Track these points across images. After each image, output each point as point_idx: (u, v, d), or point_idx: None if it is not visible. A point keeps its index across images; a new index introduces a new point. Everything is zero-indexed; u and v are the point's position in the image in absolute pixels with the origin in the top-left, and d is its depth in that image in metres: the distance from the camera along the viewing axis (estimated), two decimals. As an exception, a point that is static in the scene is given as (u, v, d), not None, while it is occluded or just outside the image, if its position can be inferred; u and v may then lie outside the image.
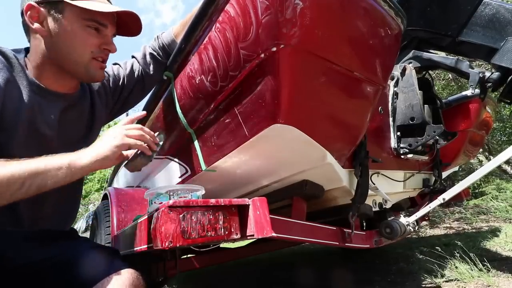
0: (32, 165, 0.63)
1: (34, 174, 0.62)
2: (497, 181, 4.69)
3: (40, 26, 0.77)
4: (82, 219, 6.27)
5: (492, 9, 1.30)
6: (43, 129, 0.80)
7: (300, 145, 0.87)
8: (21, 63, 0.80)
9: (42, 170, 0.63)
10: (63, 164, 0.66)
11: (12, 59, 0.78)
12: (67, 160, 0.67)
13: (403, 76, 1.48)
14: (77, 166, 0.67)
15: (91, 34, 0.80)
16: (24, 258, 0.73)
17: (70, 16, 0.77)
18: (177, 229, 0.62)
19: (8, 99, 0.73)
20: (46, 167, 0.64)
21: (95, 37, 0.81)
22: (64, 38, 0.78)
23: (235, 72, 0.75)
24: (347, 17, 0.74)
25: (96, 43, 0.81)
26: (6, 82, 0.73)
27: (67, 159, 0.67)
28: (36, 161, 0.64)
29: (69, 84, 0.87)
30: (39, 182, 0.63)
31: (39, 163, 0.64)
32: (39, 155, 0.81)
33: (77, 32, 0.78)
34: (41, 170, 0.63)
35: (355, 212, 1.16)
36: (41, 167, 0.63)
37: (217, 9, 0.76)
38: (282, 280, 2.25)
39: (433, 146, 1.67)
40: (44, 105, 0.81)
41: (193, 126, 0.98)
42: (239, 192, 1.23)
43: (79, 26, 0.78)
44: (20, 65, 0.79)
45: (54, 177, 0.64)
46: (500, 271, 1.63)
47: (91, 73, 0.83)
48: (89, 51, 0.81)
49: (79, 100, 0.91)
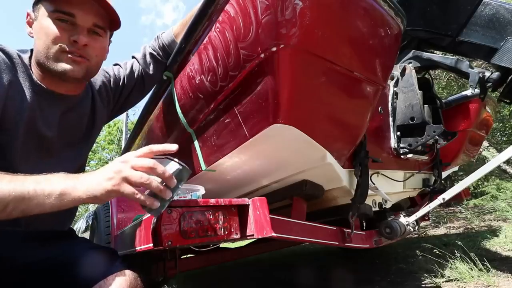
0: (20, 188, 0.56)
1: (20, 198, 0.55)
2: (497, 181, 4.69)
3: (31, 30, 0.80)
4: (82, 219, 6.26)
5: (492, 9, 1.30)
6: (44, 130, 0.80)
7: (300, 145, 0.87)
8: (26, 64, 0.80)
9: (29, 196, 0.56)
10: (54, 192, 0.57)
11: (15, 59, 0.78)
12: (60, 188, 0.58)
13: (403, 76, 1.48)
14: (69, 197, 0.58)
15: (60, 27, 0.76)
16: (21, 259, 0.73)
17: (42, 13, 0.77)
18: (177, 229, 0.62)
19: (10, 100, 0.73)
20: (35, 192, 0.56)
21: (63, 30, 0.76)
22: (39, 35, 0.77)
23: (235, 72, 0.75)
24: (347, 17, 0.74)
25: (65, 36, 0.76)
26: (8, 83, 0.73)
27: (60, 185, 0.58)
28: (28, 183, 0.57)
29: (71, 86, 0.85)
30: (23, 208, 0.56)
31: (29, 187, 0.56)
32: (38, 156, 0.81)
33: (47, 27, 0.76)
34: (28, 195, 0.56)
35: (355, 212, 1.16)
36: (29, 192, 0.56)
37: (217, 9, 0.76)
38: (282, 280, 2.25)
39: (433, 146, 1.67)
40: (45, 107, 0.80)
41: (193, 126, 0.98)
42: (239, 192, 1.23)
43: (50, 20, 0.76)
44: (24, 65, 0.79)
45: (40, 206, 0.57)
46: (500, 271, 1.63)
47: (62, 68, 0.77)
48: (57, 44, 0.76)
49: (80, 102, 0.91)
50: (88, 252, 0.75)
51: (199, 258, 1.63)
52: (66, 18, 0.76)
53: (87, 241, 0.89)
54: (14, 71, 0.76)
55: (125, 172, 0.58)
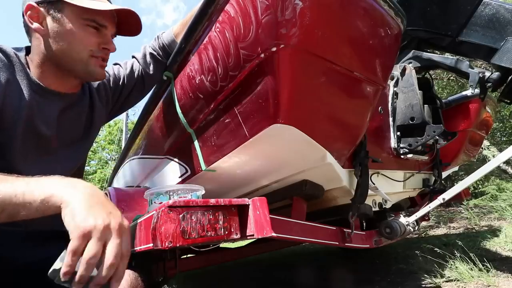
0: (8, 189, 0.53)
1: (8, 201, 0.52)
2: (497, 181, 4.69)
3: (39, 26, 0.77)
4: (82, 219, 6.24)
5: (492, 9, 1.30)
6: (42, 128, 0.80)
7: (300, 145, 0.87)
8: (22, 62, 0.80)
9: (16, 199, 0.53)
10: (41, 196, 0.53)
11: (13, 57, 0.78)
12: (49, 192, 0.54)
13: (403, 76, 1.48)
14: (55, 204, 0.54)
15: (90, 32, 0.80)
16: (21, 259, 0.73)
17: (69, 15, 0.77)
18: (177, 229, 0.62)
19: (8, 99, 0.73)
20: (23, 195, 0.53)
21: (94, 35, 0.81)
22: (63, 37, 0.78)
23: (235, 72, 0.75)
24: (347, 17, 0.74)
25: (95, 42, 0.82)
26: (6, 81, 0.73)
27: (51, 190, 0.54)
28: (15, 186, 0.54)
29: (70, 84, 0.86)
30: (10, 211, 0.53)
31: (17, 189, 0.53)
32: (37, 155, 0.81)
33: (76, 31, 0.78)
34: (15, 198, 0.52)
35: (355, 212, 1.16)
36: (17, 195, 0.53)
37: (217, 9, 0.76)
38: (282, 280, 2.25)
39: (433, 146, 1.67)
40: (43, 105, 0.80)
41: (193, 126, 0.98)
42: (239, 192, 1.23)
43: (78, 25, 0.78)
44: (21, 63, 0.79)
45: (27, 209, 0.54)
46: (500, 271, 1.63)
47: (91, 71, 0.83)
48: (88, 49, 0.81)
49: (78, 100, 0.91)
50: None
51: (199, 258, 1.63)
52: (98, 27, 0.82)
53: None
54: (11, 69, 0.76)
55: (100, 232, 0.52)
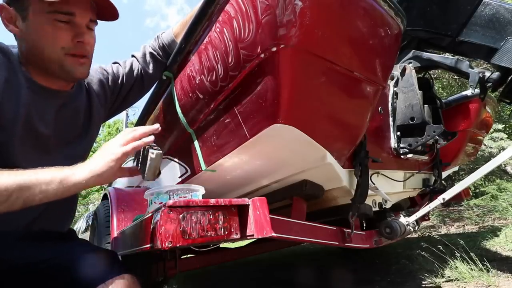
0: (22, 177, 0.59)
1: (23, 187, 0.59)
2: (498, 181, 4.68)
3: (13, 26, 0.75)
4: (82, 219, 6.26)
5: (492, 9, 1.30)
6: (40, 127, 0.79)
7: (300, 145, 0.87)
8: (17, 59, 0.78)
9: (31, 184, 0.60)
10: (55, 179, 0.62)
11: (11, 55, 0.76)
12: (60, 175, 0.63)
13: (403, 76, 1.48)
14: (70, 182, 0.64)
15: (58, 28, 0.73)
16: (20, 260, 0.72)
17: (34, 13, 0.72)
18: (177, 229, 0.62)
19: (6, 97, 0.72)
20: (37, 180, 0.60)
21: (63, 30, 0.73)
22: (32, 37, 0.74)
23: (235, 72, 0.75)
24: (347, 17, 0.74)
25: (66, 38, 0.74)
26: (4, 80, 0.72)
27: (60, 174, 0.63)
28: (27, 174, 0.61)
29: (59, 83, 0.83)
30: (26, 196, 0.59)
31: (30, 176, 0.60)
32: (36, 154, 0.80)
33: (44, 28, 0.72)
34: (31, 183, 0.60)
35: (355, 212, 1.16)
36: (31, 181, 0.60)
37: (217, 9, 0.76)
38: (282, 280, 2.25)
39: (433, 146, 1.67)
40: (40, 103, 0.79)
41: (193, 126, 0.98)
42: (239, 192, 1.23)
43: (46, 21, 0.72)
44: (17, 61, 0.78)
45: (43, 192, 0.61)
46: (500, 271, 1.63)
47: (69, 71, 0.77)
48: (59, 47, 0.74)
49: (75, 98, 0.89)
50: (87, 254, 0.74)
51: (199, 258, 1.62)
52: (66, 18, 0.73)
53: (87, 243, 0.88)
54: (9, 67, 0.75)
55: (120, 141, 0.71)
